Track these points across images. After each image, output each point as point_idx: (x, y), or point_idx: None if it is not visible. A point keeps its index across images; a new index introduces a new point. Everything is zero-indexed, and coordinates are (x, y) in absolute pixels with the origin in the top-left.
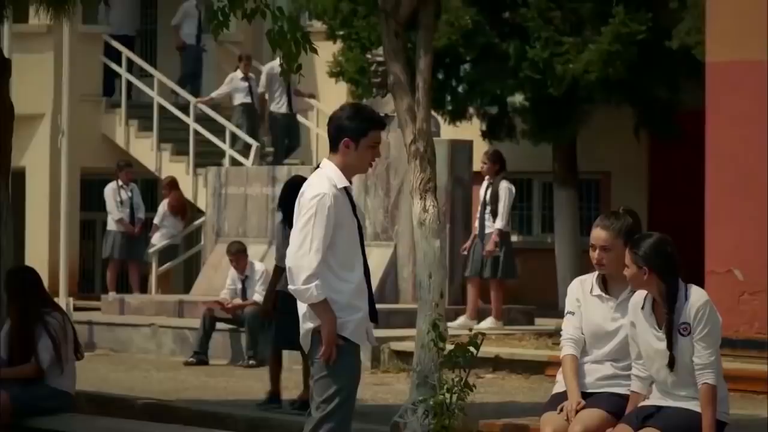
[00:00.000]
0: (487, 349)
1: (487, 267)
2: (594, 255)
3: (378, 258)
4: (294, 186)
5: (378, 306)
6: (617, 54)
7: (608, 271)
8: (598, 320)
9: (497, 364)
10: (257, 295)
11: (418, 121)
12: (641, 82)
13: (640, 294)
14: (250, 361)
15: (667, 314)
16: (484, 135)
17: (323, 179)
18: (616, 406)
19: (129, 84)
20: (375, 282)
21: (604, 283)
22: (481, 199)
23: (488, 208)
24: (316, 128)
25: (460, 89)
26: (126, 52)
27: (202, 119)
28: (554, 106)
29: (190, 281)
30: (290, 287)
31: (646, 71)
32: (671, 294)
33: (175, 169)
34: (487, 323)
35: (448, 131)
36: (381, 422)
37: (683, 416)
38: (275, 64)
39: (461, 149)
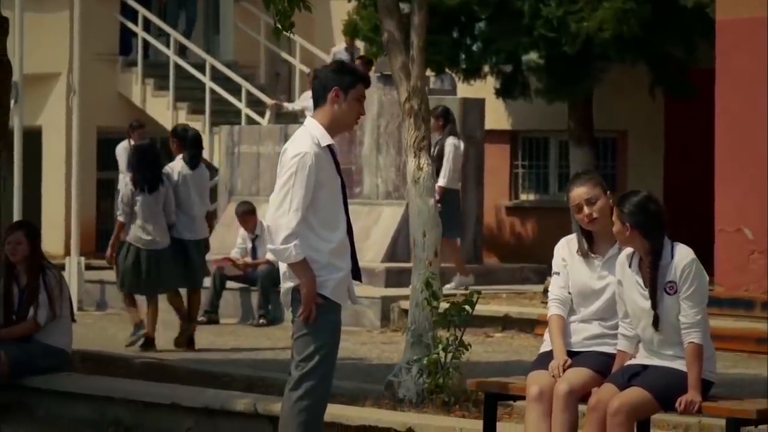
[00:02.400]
0: (497, 308)
1: None
2: (583, 214)
3: (390, 216)
4: (142, 152)
5: (390, 264)
6: (631, 12)
7: (599, 226)
8: (585, 279)
9: (506, 322)
10: (269, 254)
11: (412, 78)
12: (656, 41)
13: (628, 252)
14: (261, 320)
15: (650, 272)
16: (499, 93)
17: (306, 137)
18: (602, 365)
19: (146, 43)
20: (387, 240)
21: (590, 242)
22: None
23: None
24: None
25: (474, 47)
26: (142, 11)
27: (219, 78)
28: (569, 64)
29: None
30: (269, 246)
31: (660, 29)
32: (655, 252)
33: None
34: (453, 283)
35: (462, 89)
36: (383, 381)
37: (669, 375)
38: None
39: (473, 107)
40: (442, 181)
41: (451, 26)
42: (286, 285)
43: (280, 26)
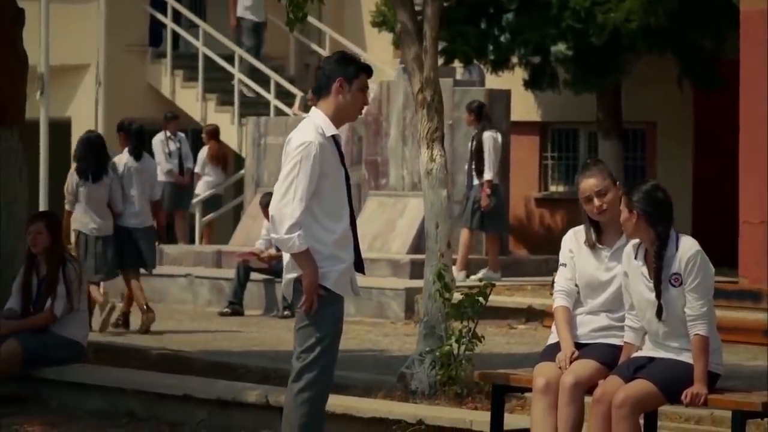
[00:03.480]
0: (521, 300)
1: (475, 219)
2: (593, 206)
3: (415, 208)
4: (86, 142)
5: (415, 256)
6: (658, 2)
7: (609, 217)
8: (592, 270)
9: (530, 314)
10: None
11: (425, 69)
12: (684, 32)
13: (634, 243)
14: (285, 312)
15: (655, 262)
16: (527, 85)
17: (310, 127)
18: (609, 357)
19: (176, 34)
20: (412, 232)
21: (598, 233)
22: (468, 150)
23: (473, 162)
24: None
25: (502, 39)
26: (172, 2)
27: (248, 70)
28: (596, 55)
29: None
30: (273, 236)
31: (688, 20)
32: (660, 242)
33: (220, 119)
34: (479, 274)
35: (490, 81)
36: None
37: (675, 367)
38: None
39: (499, 99)
40: (488, 175)
41: (479, 17)
42: (289, 276)
43: (293, 17)
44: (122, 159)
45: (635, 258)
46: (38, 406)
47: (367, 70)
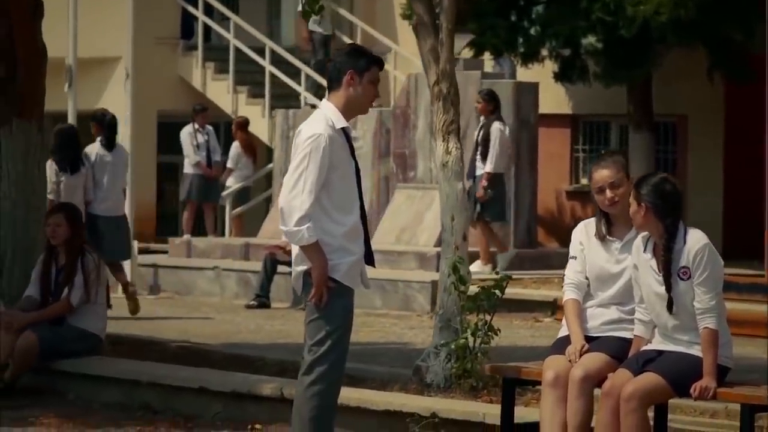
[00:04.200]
0: (547, 293)
1: (476, 209)
2: (605, 197)
3: None
4: (63, 135)
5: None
6: None
7: (620, 210)
8: (602, 263)
9: (556, 307)
10: None
11: (441, 61)
12: (714, 24)
13: (644, 235)
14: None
15: (664, 255)
16: (557, 77)
17: (320, 119)
18: (620, 350)
19: (208, 26)
20: (440, 225)
21: (609, 225)
22: (474, 139)
23: (479, 150)
24: (393, 71)
25: (532, 31)
26: None
27: (278, 62)
28: (627, 47)
29: None
30: (282, 228)
31: (718, 13)
32: (668, 235)
33: (251, 111)
34: (473, 268)
35: (520, 74)
36: None
37: (684, 361)
38: None
39: (527, 91)
40: (489, 167)
41: (509, 10)
42: (298, 268)
43: (309, 8)
44: (94, 148)
45: (644, 251)
46: (55, 399)
47: (378, 63)
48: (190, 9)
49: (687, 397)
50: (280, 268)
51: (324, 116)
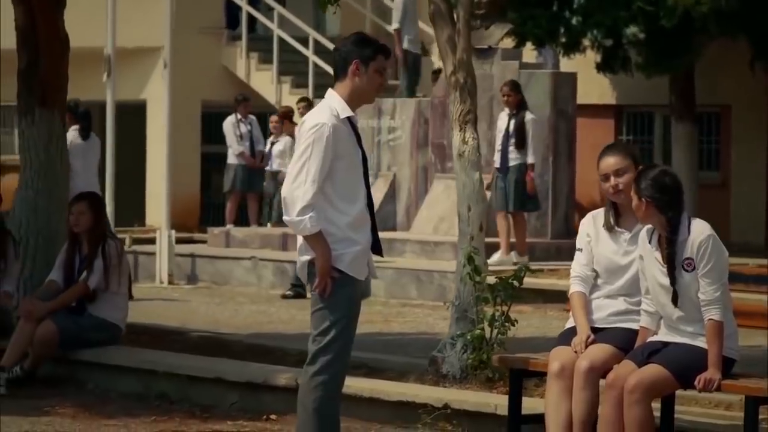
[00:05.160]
0: None
1: (512, 200)
2: (609, 184)
3: None
4: None
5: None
6: None
7: (625, 199)
8: (610, 254)
9: None
10: None
11: (458, 51)
12: (755, 15)
13: (649, 227)
14: (288, 292)
15: (668, 248)
16: (599, 68)
17: (324, 109)
18: (626, 341)
19: (252, 16)
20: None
21: (617, 216)
22: (502, 131)
23: (512, 141)
24: (438, 62)
25: (574, 21)
26: None
27: (322, 52)
28: (668, 37)
29: None
30: (285, 218)
31: (760, 3)
32: (671, 227)
33: (295, 101)
34: (494, 260)
35: (562, 64)
36: None
37: (688, 352)
38: None
39: (565, 82)
40: (531, 158)
41: (550, 0)
42: (303, 258)
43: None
44: (68, 137)
45: (649, 242)
46: (74, 388)
47: (384, 52)
48: None
49: (692, 389)
50: None
51: (329, 106)
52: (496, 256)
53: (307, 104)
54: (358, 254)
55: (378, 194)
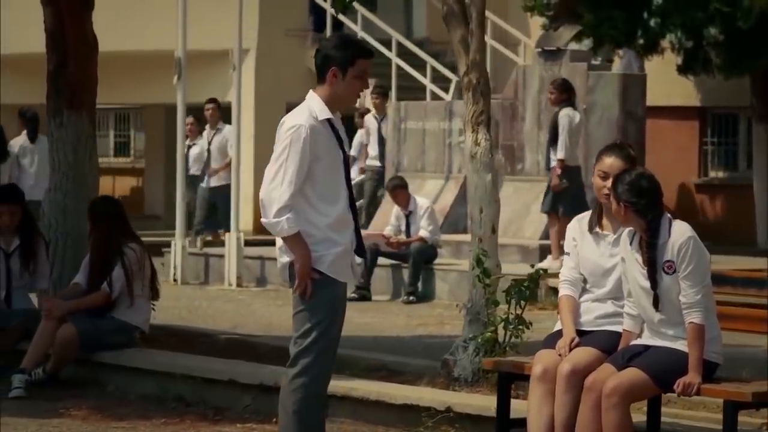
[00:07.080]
0: None
1: (546, 201)
2: (602, 185)
3: None
4: None
5: (544, 242)
6: None
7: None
8: (595, 258)
9: None
10: (422, 231)
11: (471, 52)
12: None
13: (629, 229)
14: (410, 298)
15: (648, 251)
16: (680, 69)
17: (303, 111)
18: (611, 344)
19: (338, 19)
20: (546, 218)
21: (601, 219)
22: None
23: (549, 138)
24: (523, 62)
25: (651, 23)
26: None
27: (404, 54)
28: (747, 38)
29: None
30: (262, 220)
31: None
32: (651, 230)
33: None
34: (544, 264)
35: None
36: None
37: (669, 356)
38: None
39: (634, 83)
40: (560, 154)
41: (628, 1)
42: (283, 260)
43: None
44: (18, 141)
45: (630, 245)
46: (95, 390)
47: (365, 55)
48: (318, 1)
49: (671, 393)
50: (381, 261)
51: (308, 107)
52: (546, 261)
53: (216, 105)
54: (339, 255)
55: (448, 196)
